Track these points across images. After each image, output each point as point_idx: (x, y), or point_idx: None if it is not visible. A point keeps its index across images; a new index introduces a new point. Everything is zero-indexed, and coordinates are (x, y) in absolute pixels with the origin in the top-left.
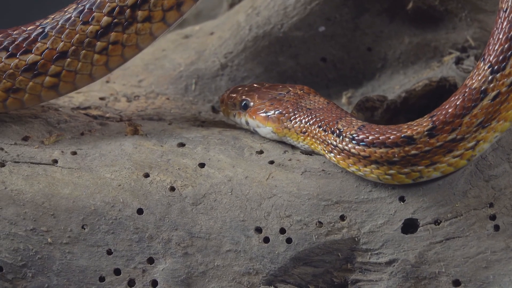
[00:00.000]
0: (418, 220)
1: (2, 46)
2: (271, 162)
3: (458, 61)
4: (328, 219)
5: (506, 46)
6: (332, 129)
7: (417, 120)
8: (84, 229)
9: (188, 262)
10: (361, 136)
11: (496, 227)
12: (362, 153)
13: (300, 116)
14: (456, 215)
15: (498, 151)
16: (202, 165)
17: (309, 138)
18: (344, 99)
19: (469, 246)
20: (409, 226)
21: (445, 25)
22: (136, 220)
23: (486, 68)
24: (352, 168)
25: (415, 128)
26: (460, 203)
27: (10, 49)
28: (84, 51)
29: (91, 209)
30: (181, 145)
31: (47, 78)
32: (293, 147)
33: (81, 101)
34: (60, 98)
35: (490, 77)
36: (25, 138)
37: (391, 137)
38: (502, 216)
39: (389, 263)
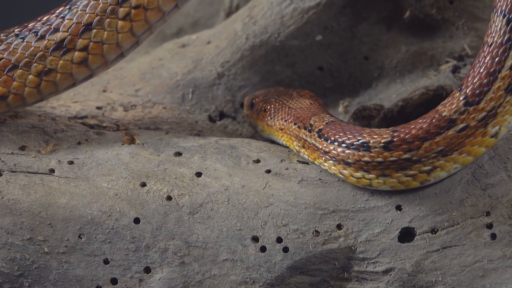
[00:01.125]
0: (415, 229)
1: (31, 31)
2: (268, 171)
3: (455, 70)
4: (325, 228)
5: (485, 81)
6: (305, 124)
7: (383, 129)
8: (81, 238)
9: (185, 271)
10: (324, 132)
11: (493, 236)
12: (323, 148)
13: (281, 114)
14: (453, 224)
15: (495, 159)
16: (199, 174)
17: (286, 134)
18: (341, 108)
19: (466, 255)
20: (406, 235)
21: (442, 34)
22: (133, 229)
23: (461, 98)
24: (317, 161)
25: (375, 136)
26: (457, 211)
27: (39, 33)
28: (108, 20)
29: (88, 219)
30: (178, 154)
31: (76, 54)
32: (290, 156)
33: (78, 110)
34: (57, 107)
35: (462, 109)
36: (22, 148)
37: (350, 138)
38: (499, 225)
39: (386, 272)
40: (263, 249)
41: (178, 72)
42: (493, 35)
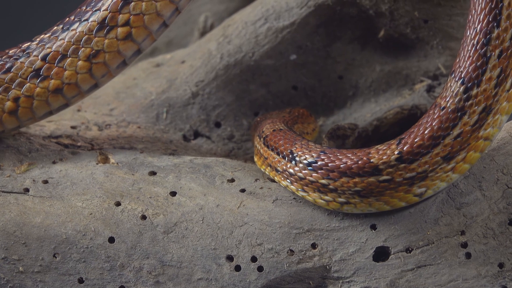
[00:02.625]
0: (390, 248)
1: (72, 20)
2: (243, 190)
3: (430, 89)
4: (299, 247)
5: (426, 143)
6: (259, 133)
7: (320, 146)
8: (56, 257)
9: None
10: (263, 134)
11: (468, 255)
12: (260, 147)
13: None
14: (428, 243)
15: (470, 178)
16: (173, 194)
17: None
18: None
19: (441, 274)
20: (381, 254)
21: (416, 53)
22: (108, 248)
23: (395, 152)
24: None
25: (304, 152)
26: (432, 230)
27: (81, 19)
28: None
29: (62, 238)
30: (153, 173)
31: (119, 30)
32: (264, 175)
33: (52, 129)
34: (31, 126)
35: (392, 163)
36: None
37: (281, 142)
38: (474, 244)
39: None
40: (237, 268)
41: (152, 91)
42: (447, 99)
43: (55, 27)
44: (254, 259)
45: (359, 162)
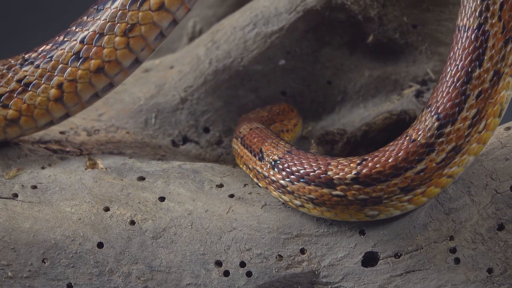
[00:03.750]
0: (379, 253)
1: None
2: (231, 196)
3: (418, 94)
4: (288, 252)
5: (387, 172)
6: (237, 134)
7: (284, 146)
8: (45, 263)
9: None
10: (241, 134)
11: (457, 260)
12: (237, 147)
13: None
14: (417, 248)
15: (459, 184)
16: (162, 199)
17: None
18: (304, 132)
19: (430, 279)
20: (370, 259)
21: (405, 58)
22: (96, 254)
23: (353, 172)
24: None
25: (272, 152)
26: (421, 236)
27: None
28: None
29: (51, 243)
30: (141, 178)
31: (152, 1)
32: (253, 180)
33: (41, 135)
34: None
35: (348, 182)
36: None
37: (255, 141)
38: (463, 249)
39: None
40: (226, 273)
41: (141, 97)
42: (420, 132)
43: (91, 9)
44: (243, 264)
45: (317, 171)
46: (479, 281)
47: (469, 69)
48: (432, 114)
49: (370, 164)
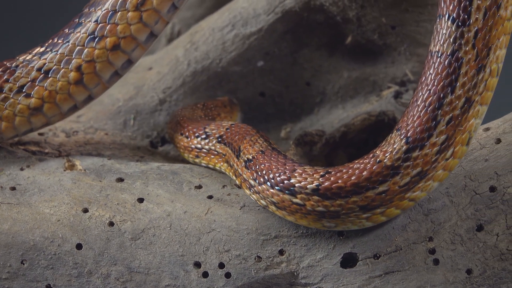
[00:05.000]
0: (357, 254)
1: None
2: (210, 197)
3: (397, 95)
4: (267, 253)
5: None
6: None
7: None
8: (23, 264)
9: None
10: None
11: (436, 261)
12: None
13: None
14: (396, 249)
15: None
16: (141, 200)
17: None
18: (283, 134)
19: (409, 280)
20: (348, 260)
21: (384, 59)
22: (75, 255)
23: (315, 188)
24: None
25: (214, 130)
26: (400, 237)
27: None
28: None
29: (30, 244)
30: (120, 180)
31: None
32: (232, 181)
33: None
34: None
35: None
36: None
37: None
38: (442, 250)
39: None
40: (205, 274)
41: (120, 98)
42: (387, 154)
43: None
44: (221, 265)
45: (281, 176)
46: (458, 282)
47: (441, 95)
48: (402, 137)
49: (332, 178)
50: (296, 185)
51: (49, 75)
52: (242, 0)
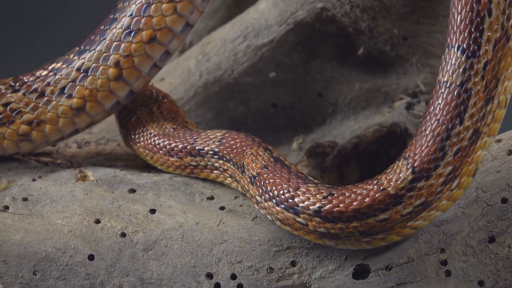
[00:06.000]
0: (370, 266)
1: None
2: (222, 208)
3: (409, 107)
4: (279, 264)
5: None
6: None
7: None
8: (36, 275)
9: None
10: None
11: (448, 273)
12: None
13: None
14: (408, 261)
15: None
16: (153, 211)
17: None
18: (295, 145)
19: None
20: (360, 272)
21: (396, 71)
22: (87, 266)
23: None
24: None
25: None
26: (411, 248)
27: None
28: None
29: (42, 255)
30: (132, 191)
31: None
32: (244, 193)
33: None
34: None
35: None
36: None
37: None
38: (454, 261)
39: None
40: (217, 285)
41: None
42: (391, 183)
43: None
44: (233, 276)
45: (285, 194)
46: None
47: (450, 125)
48: (408, 166)
49: (334, 201)
50: (300, 205)
51: (89, 74)
52: (254, 11)
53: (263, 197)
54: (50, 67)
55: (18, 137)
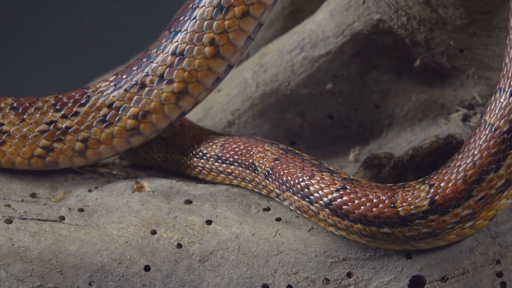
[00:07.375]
0: (425, 277)
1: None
2: (278, 219)
3: (465, 118)
4: (335, 276)
5: None
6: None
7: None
8: (91, 285)
9: None
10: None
11: (503, 284)
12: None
13: None
14: (463, 272)
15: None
16: (209, 222)
17: None
18: (351, 156)
19: None
20: (416, 283)
21: (452, 82)
22: (143, 277)
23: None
24: None
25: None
26: (467, 260)
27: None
28: None
29: (98, 266)
30: (188, 202)
31: None
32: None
33: None
34: None
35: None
36: (33, 195)
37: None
38: (509, 273)
39: None
40: None
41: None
42: (405, 203)
43: None
44: (290, 287)
45: (301, 183)
46: None
47: (485, 170)
48: (428, 196)
49: (345, 197)
50: (314, 194)
51: (185, 56)
52: (311, 22)
53: (280, 189)
54: (145, 57)
55: (127, 132)
